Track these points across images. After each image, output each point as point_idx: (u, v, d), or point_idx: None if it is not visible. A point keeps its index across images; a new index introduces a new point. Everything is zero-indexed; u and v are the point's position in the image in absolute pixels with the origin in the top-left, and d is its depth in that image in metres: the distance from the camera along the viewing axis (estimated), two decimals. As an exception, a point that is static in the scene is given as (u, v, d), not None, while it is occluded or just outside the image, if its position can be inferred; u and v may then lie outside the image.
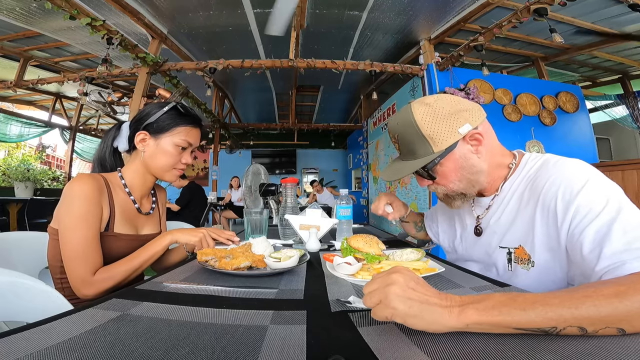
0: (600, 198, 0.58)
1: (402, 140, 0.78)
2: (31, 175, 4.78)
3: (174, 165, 0.94)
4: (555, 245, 0.65)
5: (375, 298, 0.42)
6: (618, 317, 0.38)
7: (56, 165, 13.66)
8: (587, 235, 0.56)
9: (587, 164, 0.66)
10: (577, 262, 0.60)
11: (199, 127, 0.98)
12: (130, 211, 0.92)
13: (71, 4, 2.53)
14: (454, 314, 0.39)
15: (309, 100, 6.75)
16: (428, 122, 0.72)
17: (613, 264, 0.51)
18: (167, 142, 0.91)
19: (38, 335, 0.40)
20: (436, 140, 0.72)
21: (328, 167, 9.35)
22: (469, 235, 0.90)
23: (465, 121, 0.72)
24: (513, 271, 0.75)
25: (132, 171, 0.94)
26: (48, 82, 4.52)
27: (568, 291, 0.42)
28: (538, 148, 3.66)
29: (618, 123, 5.09)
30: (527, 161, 0.77)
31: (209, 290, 0.62)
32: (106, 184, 0.87)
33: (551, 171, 0.67)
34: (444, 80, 3.63)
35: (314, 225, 1.11)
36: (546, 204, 0.66)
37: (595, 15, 3.32)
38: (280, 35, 2.88)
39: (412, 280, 0.42)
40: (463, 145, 0.74)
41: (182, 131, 0.92)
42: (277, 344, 0.40)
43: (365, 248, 0.81)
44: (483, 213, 0.84)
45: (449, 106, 0.73)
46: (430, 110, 0.73)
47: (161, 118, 0.91)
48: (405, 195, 4.31)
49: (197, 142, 0.97)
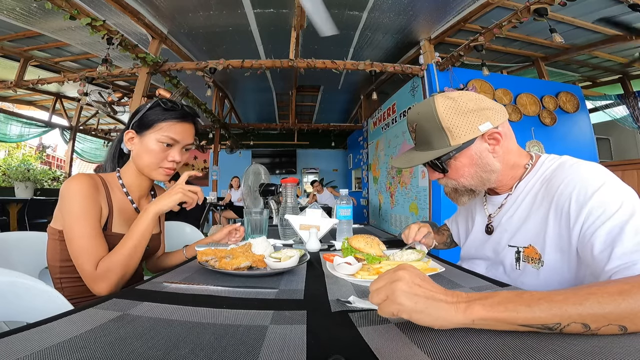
0: (615, 200, 0.58)
1: (420, 130, 0.77)
2: (31, 175, 4.78)
3: (159, 163, 0.89)
4: (565, 246, 0.66)
5: (381, 294, 0.42)
6: (621, 315, 0.39)
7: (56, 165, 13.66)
8: (599, 236, 0.57)
9: (603, 167, 0.66)
10: (588, 262, 0.60)
11: (187, 121, 0.92)
12: (128, 211, 0.92)
13: (71, 4, 2.53)
14: (460, 310, 0.39)
15: (309, 100, 6.75)
16: (450, 115, 0.72)
17: (624, 264, 0.52)
18: (149, 139, 0.88)
19: (38, 335, 0.40)
20: (455, 133, 0.72)
21: (328, 167, 9.35)
22: (479, 233, 0.90)
23: (487, 119, 0.72)
24: (522, 270, 0.75)
25: (129, 171, 0.94)
26: (48, 82, 4.52)
27: (573, 289, 0.43)
28: (538, 148, 3.66)
29: (618, 123, 5.09)
30: (543, 162, 0.77)
31: (209, 290, 0.62)
32: (103, 183, 0.87)
33: (567, 173, 0.68)
34: (444, 80, 3.63)
35: (314, 225, 1.11)
36: (560, 204, 0.66)
37: (595, 15, 3.32)
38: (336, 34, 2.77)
39: (417, 276, 0.43)
40: (481, 143, 0.74)
41: (165, 127, 0.88)
42: (277, 344, 0.40)
43: (366, 249, 0.81)
44: (495, 212, 0.84)
45: (473, 103, 0.73)
46: (453, 104, 0.73)
47: (145, 114, 0.89)
48: (405, 195, 4.31)
49: (185, 138, 0.92)
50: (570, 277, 0.67)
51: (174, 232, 1.41)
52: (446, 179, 0.80)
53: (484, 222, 0.88)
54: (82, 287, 0.81)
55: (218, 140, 6.73)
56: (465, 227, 1.00)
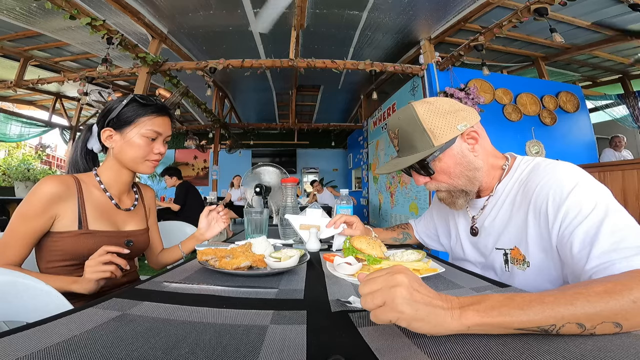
0: (589, 200, 0.60)
1: (403, 134, 0.79)
2: (31, 175, 4.79)
3: (146, 156, 0.92)
4: (548, 246, 0.67)
5: (377, 300, 0.39)
6: (613, 311, 0.39)
7: (56, 164, 13.66)
8: (576, 236, 0.59)
9: (577, 167, 0.68)
10: (568, 262, 0.62)
11: (165, 114, 0.95)
12: (107, 208, 0.92)
13: (71, 3, 2.53)
14: (455, 317, 0.39)
15: (309, 100, 6.75)
16: (430, 117, 0.75)
17: (602, 264, 0.53)
18: (133, 134, 0.90)
19: (38, 335, 0.40)
20: (437, 134, 0.74)
21: (328, 166, 9.35)
22: (464, 236, 0.91)
23: (463, 119, 0.75)
24: (510, 272, 0.76)
25: (107, 169, 0.95)
26: (48, 82, 4.52)
27: (560, 289, 0.43)
28: (538, 148, 3.66)
29: (618, 123, 5.09)
30: (519, 164, 0.79)
31: (209, 290, 0.62)
32: (77, 183, 0.87)
33: (542, 175, 0.69)
34: (444, 80, 3.63)
35: (314, 225, 1.11)
36: (537, 206, 0.68)
37: (596, 15, 3.32)
38: (264, 33, 2.86)
39: (415, 281, 0.41)
40: (461, 143, 0.76)
41: (147, 121, 0.91)
42: (277, 344, 0.40)
43: (367, 250, 0.80)
44: (478, 213, 0.85)
45: (448, 105, 0.76)
46: (431, 107, 0.76)
47: (122, 112, 0.90)
48: (405, 195, 4.32)
49: (166, 130, 0.95)
50: (558, 276, 0.68)
51: (174, 232, 1.42)
52: (434, 182, 0.81)
53: (468, 224, 0.89)
54: None
55: (218, 140, 6.73)
56: (446, 229, 1.01)
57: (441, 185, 0.80)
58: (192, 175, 8.97)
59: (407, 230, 1.17)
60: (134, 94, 0.97)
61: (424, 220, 1.14)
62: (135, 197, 1.04)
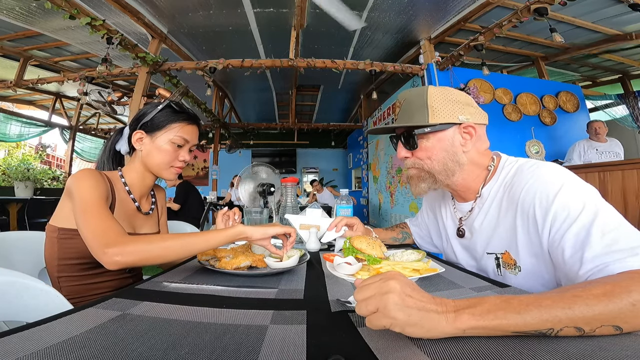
0: (576, 202, 0.59)
1: (406, 104, 0.80)
2: (31, 175, 4.78)
3: (171, 162, 0.94)
4: (538, 251, 0.66)
5: (371, 306, 0.40)
6: (612, 315, 0.39)
7: (56, 164, 13.66)
8: (567, 240, 0.57)
9: (560, 167, 0.67)
10: (560, 266, 0.61)
11: (195, 124, 0.98)
12: (129, 210, 0.93)
13: (71, 3, 2.53)
14: (450, 320, 0.39)
15: (309, 99, 6.75)
16: (437, 98, 0.77)
17: (596, 267, 0.52)
18: (162, 140, 0.92)
19: (38, 335, 0.40)
20: (435, 112, 0.76)
21: (328, 166, 9.35)
22: (453, 237, 0.91)
23: (469, 114, 0.77)
24: (503, 276, 0.76)
25: (132, 171, 0.96)
26: (48, 81, 4.52)
27: (558, 291, 0.43)
28: (538, 147, 3.66)
29: (618, 123, 5.09)
30: (504, 165, 0.78)
31: (209, 290, 0.62)
32: (108, 180, 0.88)
33: (526, 178, 0.68)
34: (444, 79, 3.63)
35: (314, 225, 1.11)
36: (525, 211, 0.67)
37: (595, 15, 3.32)
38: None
39: (407, 286, 0.41)
40: (455, 133, 0.77)
41: (177, 128, 0.93)
42: (277, 344, 0.40)
43: (367, 250, 0.80)
44: (465, 215, 0.85)
45: (461, 97, 0.78)
46: (444, 92, 0.78)
47: (156, 116, 0.92)
48: (405, 195, 4.32)
49: (194, 139, 0.97)
50: (550, 279, 0.67)
51: (174, 232, 1.42)
52: (414, 158, 0.81)
53: (455, 226, 0.90)
54: (81, 286, 0.81)
55: (218, 139, 6.73)
56: (437, 229, 1.02)
57: (417, 162, 0.81)
58: (192, 175, 8.97)
59: (406, 230, 1.18)
60: (169, 99, 0.99)
61: (417, 221, 1.15)
62: (152, 200, 1.05)
